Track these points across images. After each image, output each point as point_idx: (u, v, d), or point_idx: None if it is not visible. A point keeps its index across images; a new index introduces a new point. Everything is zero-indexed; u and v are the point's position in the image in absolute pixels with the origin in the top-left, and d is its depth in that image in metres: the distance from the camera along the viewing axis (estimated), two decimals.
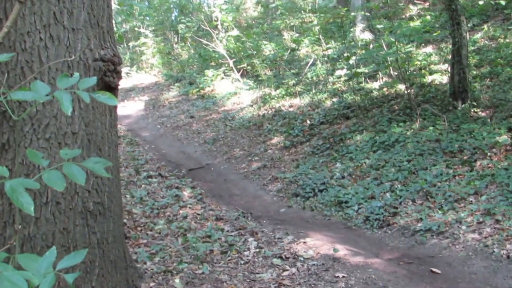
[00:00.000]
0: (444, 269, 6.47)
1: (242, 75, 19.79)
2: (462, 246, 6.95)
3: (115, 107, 4.91)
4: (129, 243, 6.47)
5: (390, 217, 8.21)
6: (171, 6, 26.11)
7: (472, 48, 14.77)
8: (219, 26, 21.68)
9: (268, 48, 19.59)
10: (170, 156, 13.15)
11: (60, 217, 4.26)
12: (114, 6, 25.51)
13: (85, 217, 4.39)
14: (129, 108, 19.38)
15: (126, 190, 9.03)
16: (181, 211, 8.10)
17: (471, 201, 8.00)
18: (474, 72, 13.27)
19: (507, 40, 14.59)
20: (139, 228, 7.31)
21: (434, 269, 6.44)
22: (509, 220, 7.08)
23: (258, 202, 9.93)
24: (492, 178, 8.36)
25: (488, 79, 12.76)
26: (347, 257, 6.61)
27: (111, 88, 4.59)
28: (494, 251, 6.60)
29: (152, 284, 5.29)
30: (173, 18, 26.13)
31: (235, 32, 20.60)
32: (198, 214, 8.08)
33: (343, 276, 5.93)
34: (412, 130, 11.02)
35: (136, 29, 27.16)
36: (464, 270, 6.43)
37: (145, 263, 5.87)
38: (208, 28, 20.72)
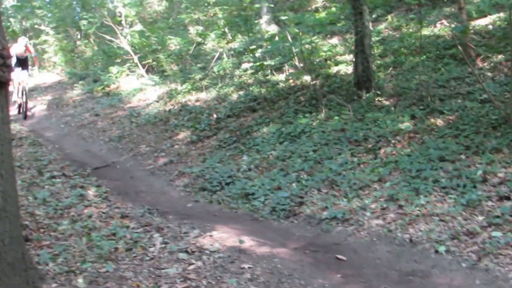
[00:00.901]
0: (349, 256, 6.51)
1: (147, 71, 19.53)
2: (366, 232, 7.01)
3: (7, 103, 4.70)
4: (32, 245, 6.24)
5: (296, 207, 8.21)
6: (73, 2, 25.45)
7: (377, 38, 15.02)
8: (123, 22, 21.29)
9: (174, 43, 19.42)
10: (75, 155, 12.83)
11: None
12: (12, 2, 24.85)
13: None
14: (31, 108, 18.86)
15: (28, 191, 8.73)
16: (85, 211, 7.86)
17: (375, 188, 8.09)
18: (378, 62, 13.48)
19: (410, 30, 14.88)
20: (42, 230, 7.06)
21: (339, 256, 6.47)
22: (411, 205, 7.19)
23: (165, 198, 9.78)
24: (395, 164, 8.48)
25: (391, 68, 12.97)
26: (253, 248, 6.57)
27: (1, 83, 4.39)
28: (397, 236, 6.68)
29: (54, 285, 5.10)
30: (75, 14, 25.49)
31: (139, 27, 20.31)
32: (103, 213, 7.86)
33: (249, 267, 5.88)
34: (318, 121, 11.08)
35: (36, 26, 26.45)
36: (369, 256, 6.48)
37: (47, 265, 5.66)
38: (112, 24, 20.35)
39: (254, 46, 15.03)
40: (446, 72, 11.65)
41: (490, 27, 13.18)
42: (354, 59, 12.22)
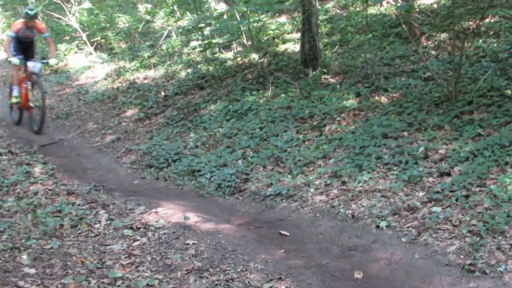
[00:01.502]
0: (292, 231, 6.60)
1: (95, 49, 19.41)
2: (310, 208, 7.11)
3: None
4: None
5: (241, 184, 8.28)
6: None
7: (324, 17, 15.10)
8: None
9: (122, 21, 19.29)
10: (21, 133, 12.69)
11: None
12: None
13: None
14: None
15: None
16: (31, 188, 7.83)
17: (320, 164, 8.18)
18: (326, 40, 13.57)
19: (357, 9, 14.98)
20: None
21: (283, 232, 6.56)
22: (354, 182, 7.31)
23: (111, 175, 9.77)
24: (339, 141, 8.58)
25: (338, 47, 13.07)
26: (198, 224, 6.63)
27: None
28: (340, 212, 6.79)
29: None
30: None
31: (87, 4, 20.09)
32: (49, 190, 7.84)
33: (193, 243, 5.94)
34: (264, 98, 11.14)
35: None
36: (312, 231, 6.58)
37: None
38: (60, 2, 20.09)
39: (202, 24, 14.98)
40: (391, 51, 11.78)
41: (435, 6, 13.36)
42: (301, 38, 12.28)
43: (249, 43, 13.76)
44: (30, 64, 12.17)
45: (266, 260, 5.65)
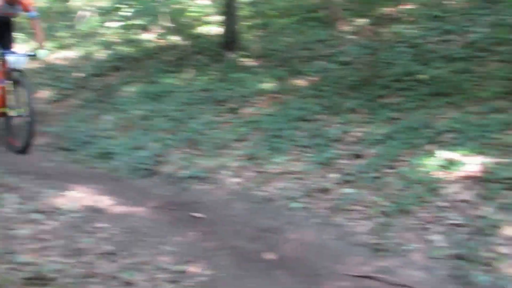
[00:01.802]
0: (206, 213, 6.55)
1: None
2: (225, 191, 7.10)
3: None
4: None
5: (157, 166, 8.18)
6: None
7: (246, 0, 15.04)
8: None
9: (41, 0, 18.83)
10: None
11: None
12: None
13: None
14: None
15: None
16: None
17: (236, 147, 8.17)
18: (247, 24, 13.52)
19: None
20: None
21: (197, 214, 6.51)
22: (270, 164, 7.31)
23: (23, 158, 9.47)
24: (257, 124, 8.59)
25: (259, 30, 13.05)
26: (111, 207, 6.52)
27: None
28: (254, 194, 6.79)
29: None
30: None
31: None
32: None
33: (105, 226, 5.84)
34: (184, 81, 11.05)
35: None
36: (227, 213, 6.57)
37: None
38: None
39: (122, 5, 14.74)
40: (311, 35, 11.82)
41: None
42: (221, 21, 12.22)
43: (170, 25, 13.63)
44: (11, 58, 9.06)
45: (180, 242, 5.62)
